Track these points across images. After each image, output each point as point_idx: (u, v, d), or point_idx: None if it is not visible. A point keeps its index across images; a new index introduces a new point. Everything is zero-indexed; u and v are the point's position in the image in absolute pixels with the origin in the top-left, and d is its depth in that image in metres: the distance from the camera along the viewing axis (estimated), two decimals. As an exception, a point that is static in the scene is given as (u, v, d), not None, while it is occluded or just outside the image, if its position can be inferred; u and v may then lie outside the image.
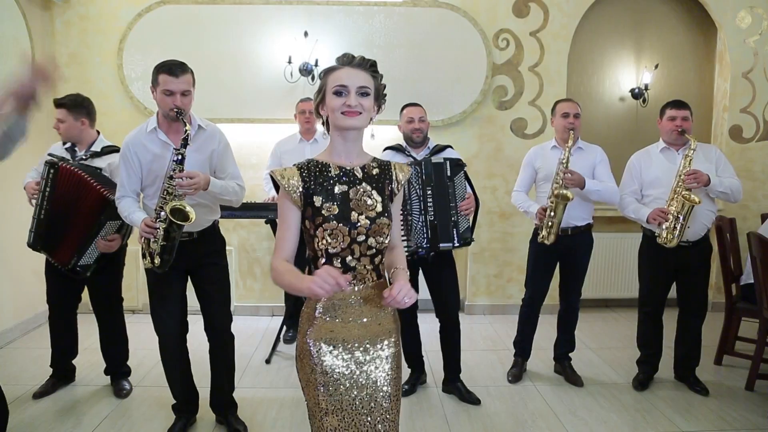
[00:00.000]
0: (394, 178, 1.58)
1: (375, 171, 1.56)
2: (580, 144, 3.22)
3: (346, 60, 1.50)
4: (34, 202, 2.86)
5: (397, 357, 1.60)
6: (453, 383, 3.10)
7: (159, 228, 2.28)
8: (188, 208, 2.27)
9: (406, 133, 3.09)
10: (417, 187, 2.86)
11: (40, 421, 2.73)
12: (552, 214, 3.02)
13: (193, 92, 2.43)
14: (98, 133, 3.07)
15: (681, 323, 3.18)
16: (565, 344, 3.36)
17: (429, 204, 2.86)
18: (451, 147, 3.14)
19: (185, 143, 2.30)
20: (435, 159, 2.90)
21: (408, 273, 1.57)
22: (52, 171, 2.76)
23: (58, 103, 2.97)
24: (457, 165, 2.90)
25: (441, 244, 2.86)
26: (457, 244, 2.89)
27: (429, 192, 2.86)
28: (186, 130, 2.29)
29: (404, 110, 3.11)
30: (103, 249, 2.84)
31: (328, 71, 1.51)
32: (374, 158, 1.61)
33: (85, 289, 3.06)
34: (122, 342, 3.15)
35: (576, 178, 2.98)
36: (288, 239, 1.51)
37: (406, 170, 1.62)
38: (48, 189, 2.77)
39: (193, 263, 2.51)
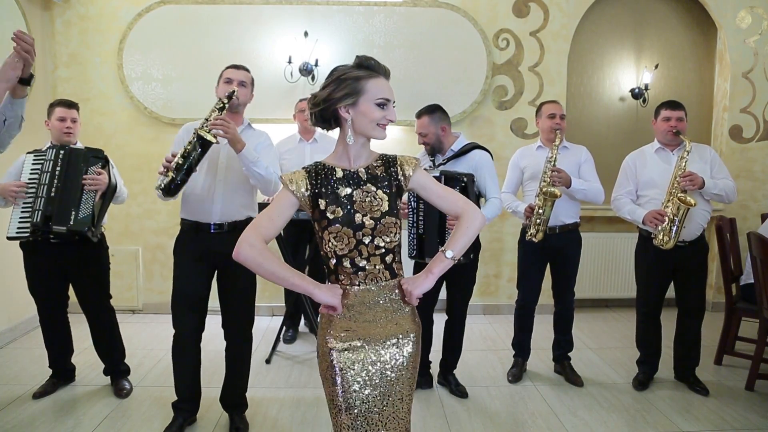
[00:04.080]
0: (400, 174, 1.56)
1: (379, 170, 1.55)
2: (566, 144, 3.24)
3: (381, 69, 1.51)
4: (29, 191, 2.78)
5: (414, 358, 1.58)
6: (444, 376, 3.18)
7: (186, 147, 2.29)
8: (211, 137, 2.29)
9: None
10: (411, 198, 2.86)
11: (40, 421, 2.73)
12: (540, 211, 3.05)
13: (251, 91, 2.63)
14: None
15: (680, 323, 3.18)
16: (563, 344, 3.36)
17: (420, 217, 2.85)
18: (481, 148, 2.96)
19: (230, 97, 2.40)
20: (432, 173, 2.86)
21: (441, 261, 1.52)
22: (62, 152, 2.82)
23: (71, 103, 2.98)
24: (453, 179, 2.75)
25: (426, 258, 2.86)
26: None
27: (421, 204, 2.85)
28: (234, 92, 2.42)
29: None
30: (92, 185, 2.81)
31: (368, 77, 1.48)
32: (380, 156, 1.59)
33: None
34: (115, 340, 3.12)
35: (564, 176, 3.01)
36: (275, 222, 1.50)
37: (412, 162, 1.58)
38: (59, 169, 2.79)
39: (221, 259, 2.48)
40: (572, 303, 3.31)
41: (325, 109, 1.50)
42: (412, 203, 2.87)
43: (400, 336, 1.55)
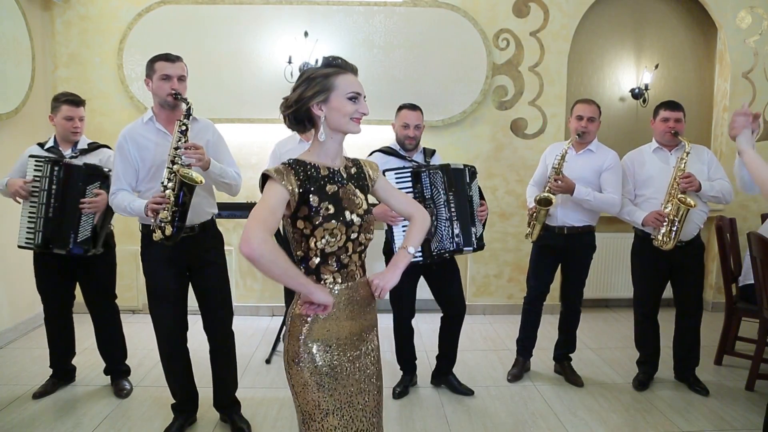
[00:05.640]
0: (367, 176, 1.64)
1: (353, 170, 1.61)
2: (592, 146, 3.19)
3: (350, 67, 1.54)
4: (32, 200, 2.79)
5: (379, 348, 1.68)
6: (445, 375, 3.16)
7: (169, 195, 2.23)
8: (195, 174, 2.24)
9: (399, 138, 3.03)
10: (442, 192, 2.80)
11: (40, 421, 2.73)
12: (534, 215, 3.08)
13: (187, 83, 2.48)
14: None
15: (678, 323, 3.18)
16: (565, 345, 3.36)
17: (452, 209, 2.84)
18: (435, 151, 3.18)
19: (188, 114, 2.31)
20: (454, 165, 2.87)
21: (405, 256, 1.61)
22: (56, 168, 2.75)
23: (77, 101, 2.93)
24: (473, 172, 2.94)
25: (464, 248, 2.85)
26: (475, 247, 2.90)
27: (452, 197, 2.83)
28: (188, 104, 2.32)
29: (401, 111, 3.03)
30: (89, 209, 2.74)
31: (336, 74, 1.50)
32: (346, 158, 1.65)
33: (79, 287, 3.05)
34: (118, 340, 3.13)
35: (563, 185, 2.99)
36: (276, 216, 1.42)
37: (375, 167, 1.67)
38: (54, 187, 2.74)
39: (193, 260, 2.50)
40: (578, 305, 3.30)
41: (297, 110, 1.51)
42: (443, 196, 2.80)
43: (369, 330, 1.63)
